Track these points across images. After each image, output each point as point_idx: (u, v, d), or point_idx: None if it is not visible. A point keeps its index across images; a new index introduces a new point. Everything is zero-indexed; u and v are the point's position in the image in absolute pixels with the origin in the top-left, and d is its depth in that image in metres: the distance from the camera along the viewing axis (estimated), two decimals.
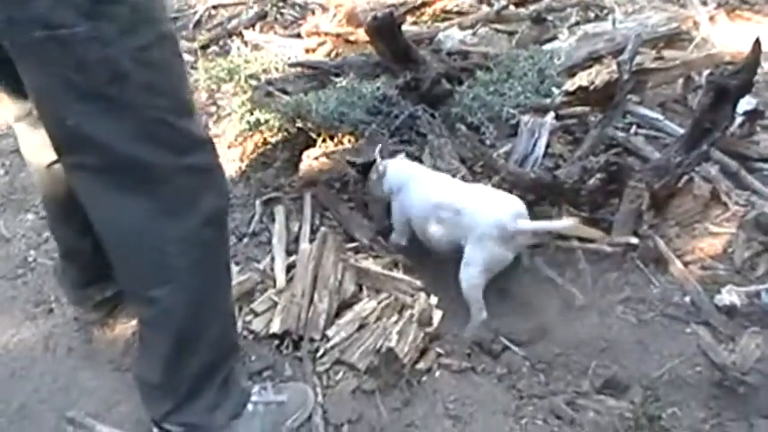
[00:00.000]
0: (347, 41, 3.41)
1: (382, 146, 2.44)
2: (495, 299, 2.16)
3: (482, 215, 2.07)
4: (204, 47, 3.71)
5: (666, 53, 3.12)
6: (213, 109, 3.10)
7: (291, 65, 3.21)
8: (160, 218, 1.21)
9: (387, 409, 1.69)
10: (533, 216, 2.27)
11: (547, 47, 3.24)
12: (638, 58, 2.73)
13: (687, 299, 2.13)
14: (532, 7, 3.59)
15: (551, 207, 2.44)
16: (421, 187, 2.27)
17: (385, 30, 2.75)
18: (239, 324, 2.05)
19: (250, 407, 1.50)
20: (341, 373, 1.82)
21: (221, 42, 3.78)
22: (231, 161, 2.80)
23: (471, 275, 2.07)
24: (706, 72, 2.77)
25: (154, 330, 1.35)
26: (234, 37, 3.79)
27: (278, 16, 3.94)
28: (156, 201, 1.20)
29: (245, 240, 2.46)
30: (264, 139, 2.80)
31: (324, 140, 2.76)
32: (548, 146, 2.62)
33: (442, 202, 2.17)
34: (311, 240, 2.32)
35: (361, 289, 2.17)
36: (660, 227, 2.37)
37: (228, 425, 1.44)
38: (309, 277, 2.12)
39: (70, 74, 1.04)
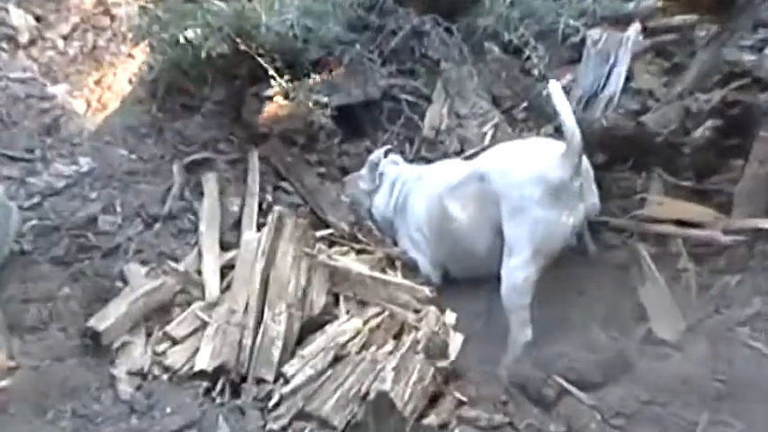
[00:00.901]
0: None
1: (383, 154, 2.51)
2: (546, 314, 2.14)
3: (514, 173, 2.12)
4: None
5: None
6: (105, 21, 3.05)
7: None
8: None
9: None
10: (604, 192, 2.25)
11: None
12: None
13: None
14: None
15: (635, 173, 2.43)
16: (426, 177, 2.39)
17: None
18: (147, 355, 2.04)
19: None
20: None
21: None
22: (135, 103, 2.78)
23: (516, 267, 2.10)
24: None
25: None
26: None
27: None
28: None
29: (157, 226, 2.43)
30: (186, 69, 2.77)
31: (280, 71, 2.73)
32: (629, 77, 2.58)
33: (458, 176, 2.26)
34: (260, 226, 2.31)
35: (337, 301, 2.16)
36: None
37: None
38: (257, 283, 2.10)
39: None
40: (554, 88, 2.06)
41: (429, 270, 2.37)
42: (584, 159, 2.09)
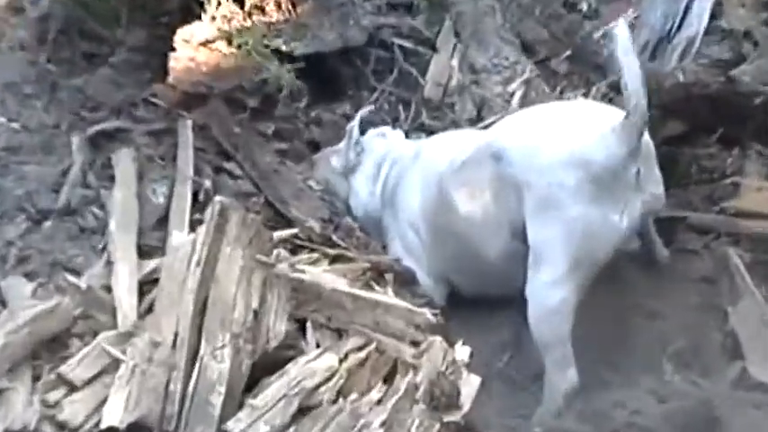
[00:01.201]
0: None
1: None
2: (597, 347, 2.16)
3: (542, 151, 2.13)
4: None
5: None
6: None
7: None
8: None
9: None
10: (680, 175, 2.27)
11: None
12: None
13: None
14: None
15: (725, 149, 2.42)
16: (425, 154, 2.43)
17: None
18: (34, 406, 1.98)
19: None
20: None
21: None
22: (16, 50, 2.76)
23: (547, 284, 2.11)
24: None
25: None
26: None
27: None
28: None
29: (48, 225, 2.41)
30: (90, 2, 2.74)
31: (221, 5, 2.73)
32: (716, 12, 2.57)
33: (466, 152, 2.27)
34: (194, 224, 2.28)
35: (303, 328, 2.14)
36: None
37: None
38: (190, 305, 2.06)
39: None
40: (621, 32, 2.04)
41: (429, 284, 2.38)
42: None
